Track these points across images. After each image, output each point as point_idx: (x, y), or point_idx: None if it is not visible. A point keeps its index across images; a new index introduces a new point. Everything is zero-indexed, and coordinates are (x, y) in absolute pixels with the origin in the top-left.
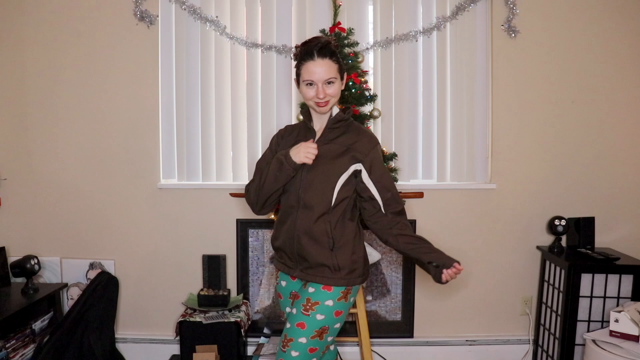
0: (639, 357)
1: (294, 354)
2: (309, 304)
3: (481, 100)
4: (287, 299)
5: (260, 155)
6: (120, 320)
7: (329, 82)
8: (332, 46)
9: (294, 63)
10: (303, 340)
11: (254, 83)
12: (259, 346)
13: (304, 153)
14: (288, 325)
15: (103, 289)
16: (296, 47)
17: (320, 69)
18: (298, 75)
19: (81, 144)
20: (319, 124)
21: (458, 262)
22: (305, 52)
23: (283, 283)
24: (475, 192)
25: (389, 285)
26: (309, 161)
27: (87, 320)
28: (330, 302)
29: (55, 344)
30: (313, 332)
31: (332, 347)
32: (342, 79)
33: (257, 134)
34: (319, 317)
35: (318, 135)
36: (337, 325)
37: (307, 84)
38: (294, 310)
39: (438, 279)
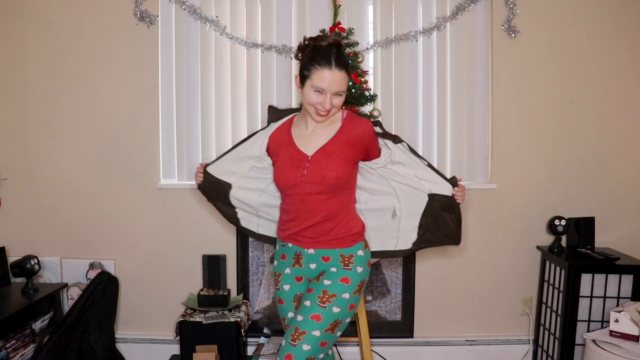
0: (639, 357)
1: (306, 347)
2: (326, 296)
3: (481, 100)
4: (290, 303)
5: None
6: (120, 320)
7: (338, 94)
8: (345, 55)
9: (295, 62)
10: (317, 333)
11: (254, 83)
12: (259, 346)
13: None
14: (300, 317)
15: (103, 289)
16: (304, 39)
17: (335, 80)
18: (305, 76)
19: (81, 144)
20: (313, 122)
21: None
22: (322, 55)
23: (286, 287)
24: (475, 192)
25: (389, 285)
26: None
27: (87, 320)
28: (347, 295)
29: (55, 344)
30: (327, 325)
31: (330, 352)
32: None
33: None
34: (335, 309)
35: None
36: (348, 320)
37: (315, 90)
38: (308, 303)
39: None
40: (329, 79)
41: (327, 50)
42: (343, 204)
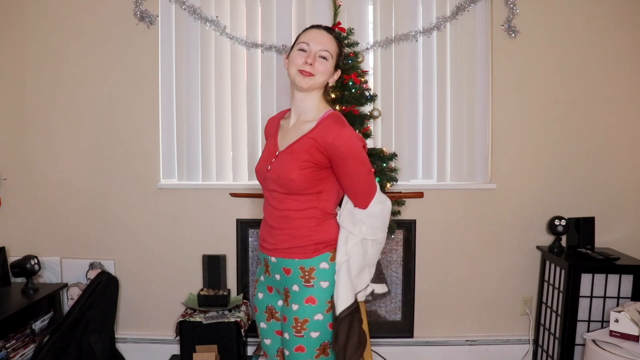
0: (639, 357)
1: None
2: (299, 324)
3: (481, 100)
4: (262, 313)
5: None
6: (120, 320)
7: (323, 57)
8: (335, 30)
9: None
10: None
11: (254, 83)
12: (259, 346)
13: None
14: (287, 352)
15: (103, 289)
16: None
17: (321, 37)
18: (293, 45)
19: (81, 144)
20: (296, 116)
21: None
22: (311, 25)
23: (260, 295)
24: (475, 192)
25: (389, 285)
26: None
27: (87, 320)
28: (319, 317)
29: (55, 344)
30: (315, 352)
31: None
32: (335, 68)
33: (257, 134)
34: (314, 334)
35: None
36: None
37: (299, 49)
38: (287, 335)
39: None
40: (314, 35)
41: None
42: (304, 208)
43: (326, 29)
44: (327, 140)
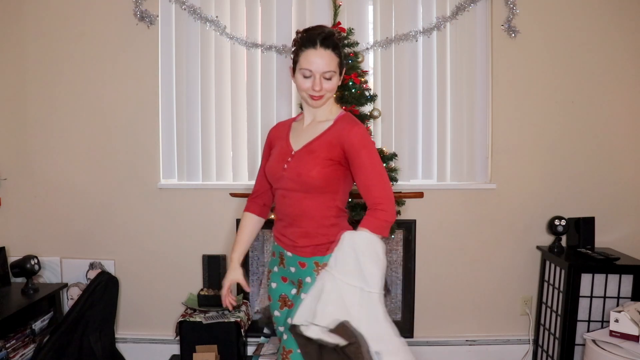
0: (639, 357)
1: None
2: None
3: (481, 100)
4: (276, 302)
5: (260, 156)
6: (120, 320)
7: (328, 77)
8: (335, 38)
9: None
10: None
11: (254, 83)
12: (259, 346)
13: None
14: (285, 336)
15: (103, 289)
16: (297, 32)
17: (321, 60)
18: (295, 62)
19: (81, 144)
20: (310, 117)
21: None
22: (308, 39)
23: (273, 285)
24: (475, 192)
25: (389, 285)
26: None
27: (87, 320)
28: None
29: (55, 344)
30: None
31: None
32: (340, 74)
33: (257, 134)
34: None
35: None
36: None
37: (303, 75)
38: (290, 320)
39: None
40: (314, 59)
41: (313, 34)
42: (321, 208)
43: (323, 44)
44: (344, 134)
